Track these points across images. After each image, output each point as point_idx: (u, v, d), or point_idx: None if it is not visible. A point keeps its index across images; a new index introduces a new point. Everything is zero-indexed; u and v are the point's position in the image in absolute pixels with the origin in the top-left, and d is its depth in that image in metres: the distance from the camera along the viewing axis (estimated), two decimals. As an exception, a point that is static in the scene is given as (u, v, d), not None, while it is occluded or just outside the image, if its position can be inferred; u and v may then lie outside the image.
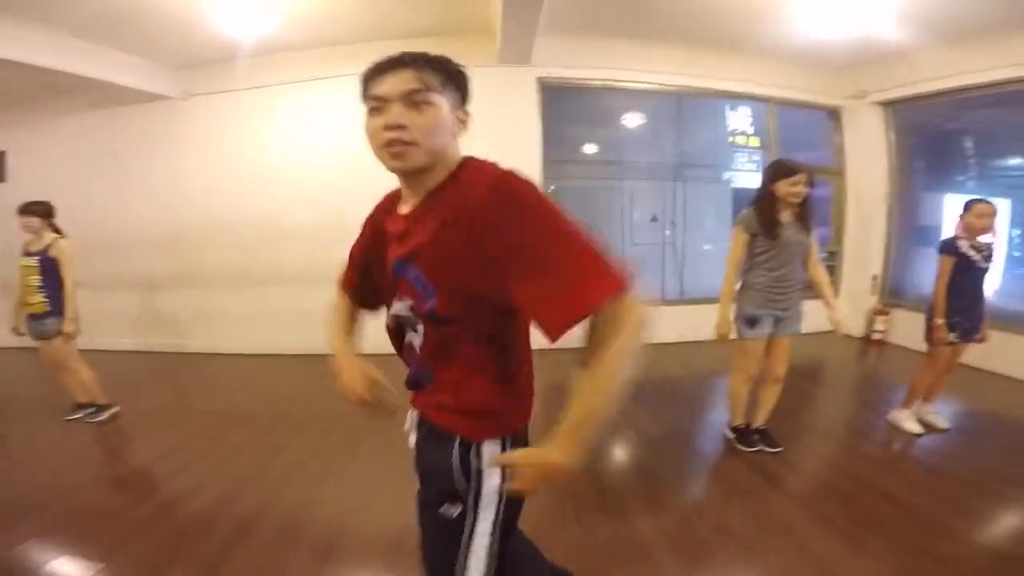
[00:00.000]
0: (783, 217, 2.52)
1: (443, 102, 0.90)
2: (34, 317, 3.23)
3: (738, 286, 2.65)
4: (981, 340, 2.91)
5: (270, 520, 2.19)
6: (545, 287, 0.80)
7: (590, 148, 6.83)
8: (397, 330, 1.06)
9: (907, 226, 5.32)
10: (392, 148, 0.87)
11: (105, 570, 1.87)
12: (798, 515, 2.16)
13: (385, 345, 1.12)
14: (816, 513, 2.17)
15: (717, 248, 7.89)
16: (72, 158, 5.43)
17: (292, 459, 2.80)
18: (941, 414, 3.06)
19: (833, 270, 5.64)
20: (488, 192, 0.84)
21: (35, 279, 3.17)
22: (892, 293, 5.33)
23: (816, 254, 2.68)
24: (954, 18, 3.80)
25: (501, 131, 4.76)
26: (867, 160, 5.36)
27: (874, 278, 5.28)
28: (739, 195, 6.95)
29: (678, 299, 5.85)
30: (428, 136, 0.87)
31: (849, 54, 4.76)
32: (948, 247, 2.82)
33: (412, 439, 1.07)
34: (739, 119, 6.04)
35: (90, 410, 3.45)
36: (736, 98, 5.56)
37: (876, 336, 5.15)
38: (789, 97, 5.41)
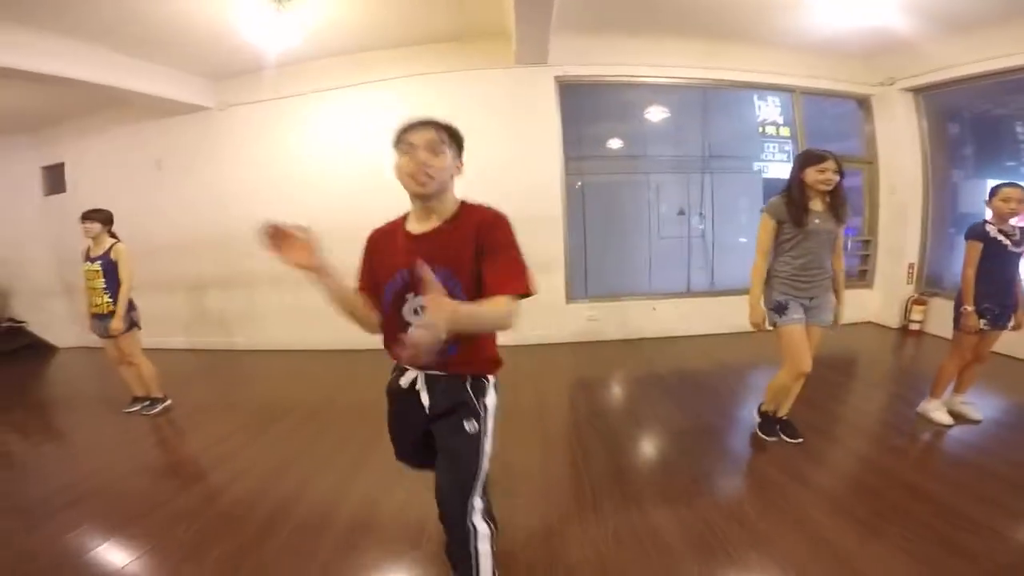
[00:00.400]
0: (813, 205, 2.50)
1: (449, 152, 1.37)
2: (101, 317, 3.52)
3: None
4: (1016, 327, 2.82)
5: (303, 507, 2.33)
6: (494, 272, 1.31)
7: (615, 143, 6.82)
8: (394, 319, 1.45)
9: (945, 213, 5.16)
10: (419, 178, 1.32)
11: (150, 551, 2.05)
12: (819, 508, 2.17)
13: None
14: (838, 506, 2.17)
15: (749, 239, 7.78)
16: (122, 168, 5.80)
17: (327, 449, 2.96)
18: (974, 405, 2.98)
19: (866, 259, 5.52)
20: (491, 216, 1.38)
21: (100, 282, 3.47)
22: (930, 282, 5.18)
23: (841, 246, 2.64)
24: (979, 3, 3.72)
25: (521, 130, 4.89)
26: (899, 148, 5.21)
27: (910, 267, 5.13)
28: (770, 185, 6.82)
29: (708, 291, 5.78)
30: (440, 173, 1.34)
31: (874, 42, 4.66)
32: (976, 232, 2.75)
33: (423, 397, 1.46)
34: (768, 109, 5.95)
35: (146, 403, 3.73)
36: (759, 88, 5.49)
37: (913, 326, 5.01)
38: (814, 86, 5.32)
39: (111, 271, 3.48)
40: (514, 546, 1.96)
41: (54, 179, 6.31)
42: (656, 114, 6.64)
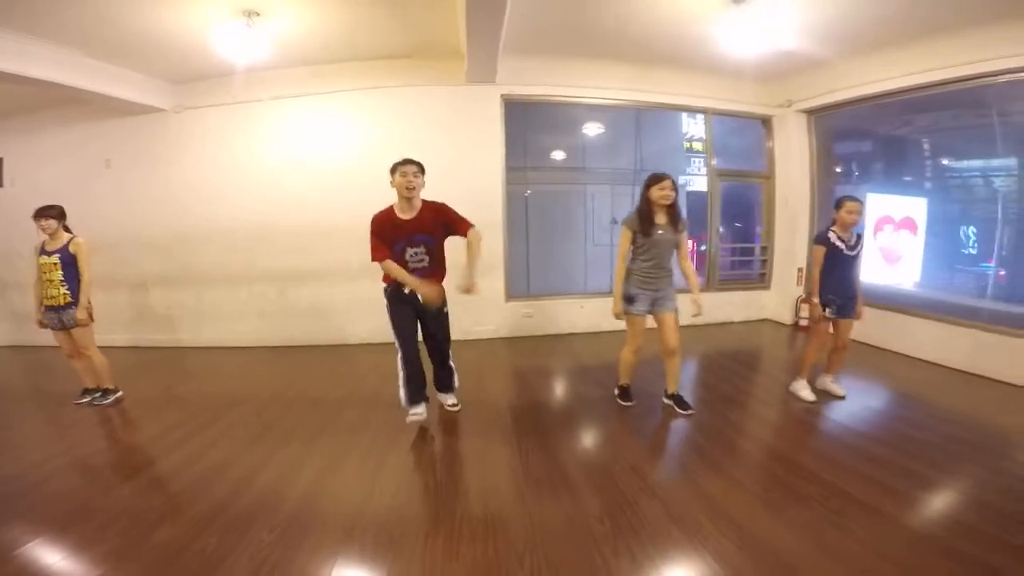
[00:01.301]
0: (658, 219, 3.16)
1: (422, 176, 2.94)
2: (57, 308, 3.66)
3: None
4: (858, 317, 3.51)
5: (252, 493, 2.51)
6: (457, 225, 2.99)
7: (558, 155, 7.42)
8: (402, 262, 2.93)
9: (829, 223, 5.95)
10: (411, 190, 2.89)
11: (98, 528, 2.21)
12: (701, 465, 2.79)
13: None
14: (715, 463, 2.80)
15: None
16: (69, 165, 5.76)
17: (277, 439, 3.16)
18: (839, 383, 3.64)
19: (764, 263, 6.34)
20: (441, 204, 3.06)
21: (58, 274, 3.61)
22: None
23: (686, 249, 3.33)
24: (863, 32, 4.35)
25: (468, 143, 5.36)
26: (792, 163, 6.00)
27: (800, 270, 5.93)
28: (692, 198, 7.61)
29: None
30: (419, 187, 2.93)
31: (776, 67, 5.33)
32: (820, 239, 3.40)
33: (420, 297, 2.92)
34: (696, 127, 6.62)
35: (97, 395, 3.87)
36: (679, 110, 6.20)
37: (803, 322, 5.84)
38: (725, 108, 6.05)
39: (70, 264, 3.64)
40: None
41: (-10, 174, 6.13)
42: (593, 130, 7.28)
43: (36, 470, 2.82)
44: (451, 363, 3.35)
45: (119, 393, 3.92)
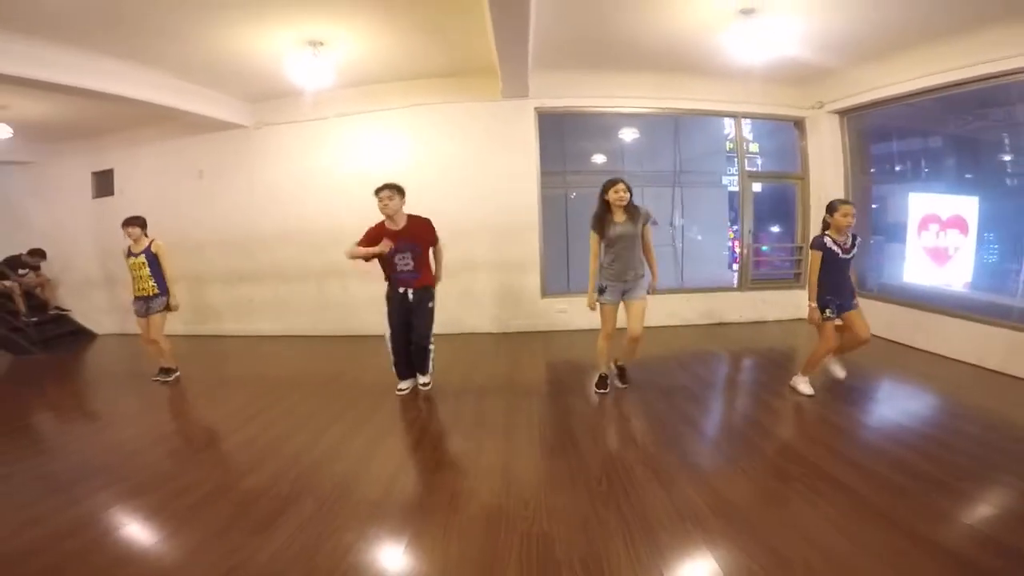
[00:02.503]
0: (616, 217, 3.47)
1: (398, 197, 3.64)
2: (146, 298, 4.45)
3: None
4: (855, 306, 3.61)
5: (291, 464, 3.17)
6: (429, 240, 3.73)
7: (598, 158, 7.79)
8: (391, 266, 3.69)
9: (865, 222, 5.93)
10: (385, 211, 3.59)
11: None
12: (697, 441, 3.11)
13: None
14: (712, 444, 3.12)
15: (715, 246, 8.70)
16: (167, 176, 6.69)
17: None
18: (840, 365, 3.81)
19: (799, 263, 6.38)
20: (425, 220, 3.75)
21: (146, 271, 4.41)
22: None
23: (649, 240, 3.61)
24: (884, 35, 4.45)
25: (505, 153, 5.82)
26: (826, 164, 6.04)
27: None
28: (734, 197, 7.72)
29: (678, 289, 6.64)
30: (395, 207, 3.63)
31: (807, 70, 5.40)
32: (817, 244, 3.49)
33: (410, 295, 3.69)
34: (735, 130, 6.74)
35: (165, 374, 4.63)
36: (708, 115, 6.39)
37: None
38: (755, 111, 6.18)
39: (154, 262, 4.43)
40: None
41: (103, 183, 7.19)
42: (630, 135, 7.58)
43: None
44: (429, 349, 3.89)
45: (177, 373, 4.67)
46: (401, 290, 3.67)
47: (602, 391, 3.80)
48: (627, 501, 2.37)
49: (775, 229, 7.90)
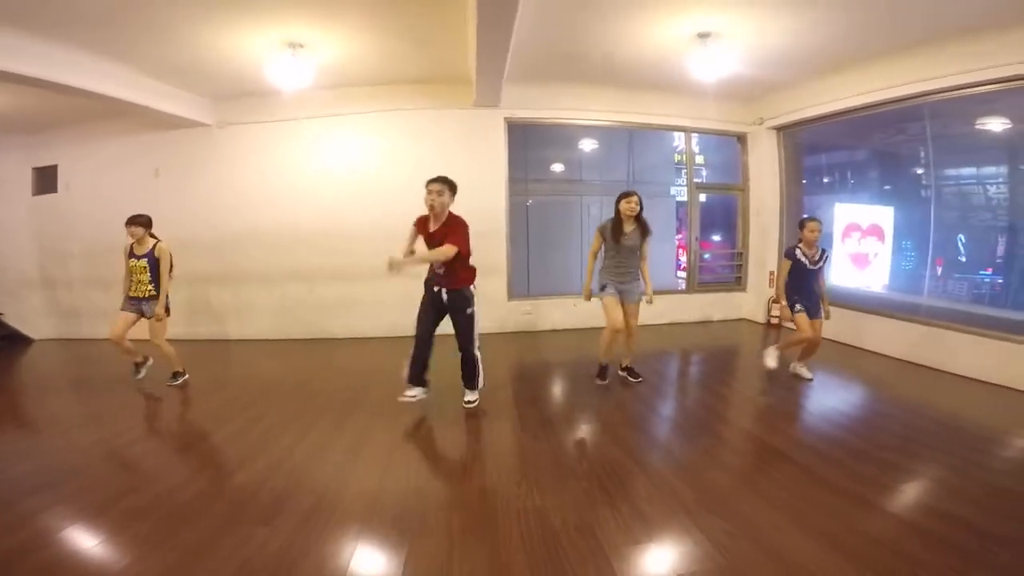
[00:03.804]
0: (626, 227, 3.83)
1: (447, 193, 3.39)
2: (139, 299, 4.30)
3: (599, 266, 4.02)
4: (827, 317, 4.10)
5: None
6: (452, 239, 3.30)
7: (556, 167, 8.11)
8: (429, 265, 3.48)
9: (795, 236, 6.55)
10: (431, 207, 3.37)
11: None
12: (669, 428, 3.45)
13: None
14: (678, 427, 3.46)
15: (663, 254, 9.23)
16: (119, 173, 6.42)
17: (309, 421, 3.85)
18: (806, 369, 4.23)
19: (740, 268, 6.98)
20: (459, 219, 3.37)
21: (146, 275, 4.27)
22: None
23: (647, 253, 3.97)
24: (820, 56, 4.92)
25: (475, 161, 6.05)
26: (763, 177, 6.66)
27: (771, 273, 6.52)
28: (680, 207, 8.25)
29: None
30: (441, 204, 3.38)
31: (749, 88, 5.95)
32: (788, 253, 4.05)
33: (444, 297, 3.44)
34: (683, 143, 7.25)
35: (172, 378, 4.46)
36: (662, 129, 6.90)
37: (773, 320, 6.48)
38: (702, 126, 6.72)
39: (155, 266, 4.28)
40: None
41: (45, 180, 6.80)
42: (589, 146, 7.96)
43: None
44: (475, 360, 3.63)
45: (186, 376, 4.53)
46: (436, 289, 3.47)
47: (603, 381, 4.04)
48: (608, 477, 2.65)
49: (716, 238, 8.52)
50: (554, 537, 2.12)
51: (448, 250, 3.24)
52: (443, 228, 3.38)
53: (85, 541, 2.14)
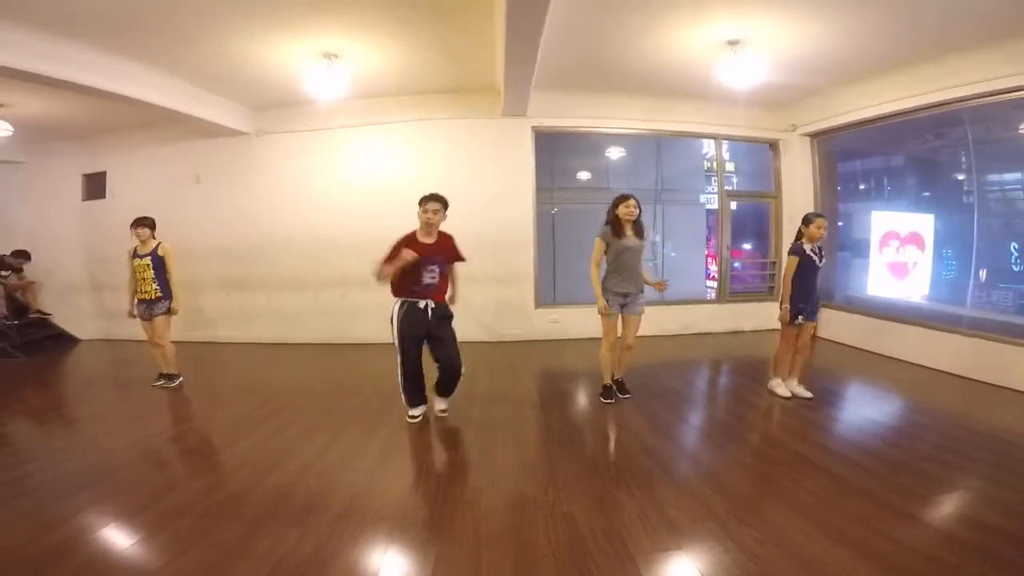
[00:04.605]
0: (627, 231, 3.71)
1: (443, 212, 3.47)
2: (148, 302, 4.43)
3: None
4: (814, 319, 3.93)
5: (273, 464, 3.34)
6: (455, 257, 3.60)
7: (583, 175, 8.14)
8: (416, 279, 3.40)
9: (834, 240, 6.41)
10: (430, 224, 3.44)
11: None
12: (693, 437, 3.41)
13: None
14: (704, 436, 3.41)
15: (694, 260, 9.12)
16: (162, 180, 6.69)
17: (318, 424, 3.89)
18: (803, 386, 3.96)
19: (772, 277, 6.83)
20: (451, 238, 3.58)
21: (150, 273, 4.40)
22: (822, 295, 6.45)
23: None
24: (860, 59, 4.78)
25: (503, 169, 6.10)
26: (796, 183, 6.52)
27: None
28: (711, 215, 8.16)
29: (657, 301, 6.88)
30: (438, 221, 3.48)
31: (781, 94, 5.84)
32: (795, 250, 3.83)
33: (430, 310, 3.43)
34: (713, 150, 7.14)
35: (167, 379, 4.59)
36: (691, 136, 6.84)
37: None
38: (733, 133, 6.62)
39: (159, 265, 4.42)
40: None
41: (94, 186, 7.13)
42: (616, 154, 7.96)
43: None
44: (460, 371, 3.54)
45: (180, 379, 4.63)
46: (422, 304, 3.41)
47: (608, 400, 3.91)
48: (636, 484, 2.63)
49: (747, 246, 8.37)
50: (581, 543, 2.12)
51: (458, 274, 3.73)
52: (440, 244, 3.53)
53: (123, 540, 2.22)
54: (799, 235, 3.90)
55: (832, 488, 2.54)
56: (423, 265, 3.39)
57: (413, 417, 3.59)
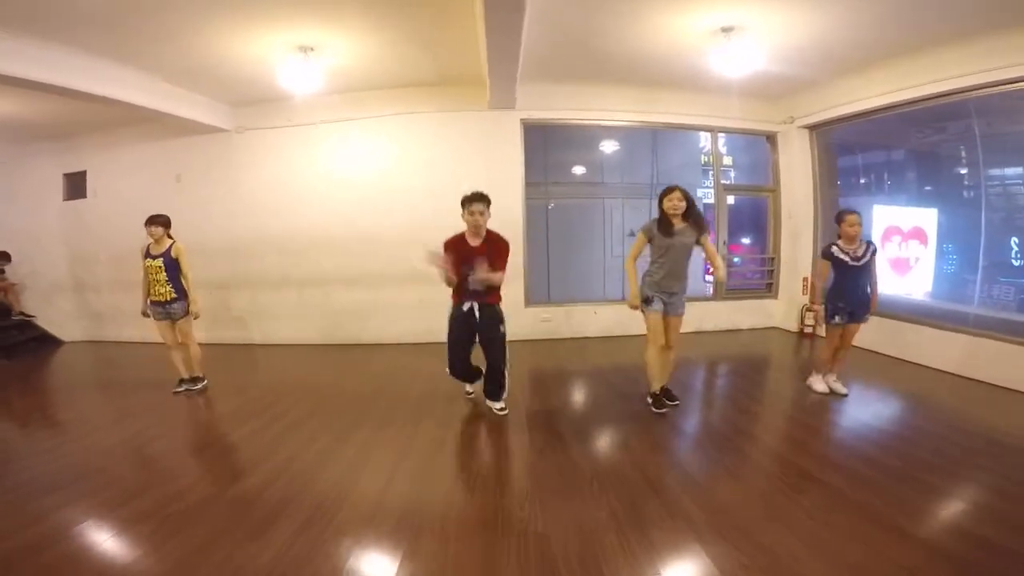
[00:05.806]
0: (676, 223, 3.44)
1: (488, 211, 3.35)
2: (163, 304, 4.24)
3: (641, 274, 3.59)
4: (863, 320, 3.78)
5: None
6: (501, 264, 3.33)
7: (577, 170, 7.95)
8: (464, 279, 3.30)
9: (832, 233, 6.20)
10: (477, 226, 3.33)
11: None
12: (687, 446, 3.25)
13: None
14: (699, 445, 3.24)
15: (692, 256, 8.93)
16: (143, 179, 6.53)
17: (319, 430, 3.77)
18: (841, 383, 3.92)
19: (771, 274, 6.64)
20: (501, 239, 3.40)
21: (163, 275, 4.21)
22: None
23: (711, 247, 3.50)
24: (860, 48, 4.59)
25: (491, 163, 5.90)
26: (795, 177, 6.32)
27: (804, 280, 6.21)
28: (707, 210, 7.97)
29: None
30: (485, 222, 3.35)
31: (779, 86, 5.64)
32: (824, 253, 3.76)
33: (476, 313, 3.43)
34: (710, 143, 6.95)
35: (190, 383, 4.42)
36: (685, 129, 6.61)
37: (807, 329, 6.13)
38: (729, 126, 6.41)
39: (172, 266, 4.23)
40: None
41: (75, 185, 6.99)
42: (610, 147, 7.77)
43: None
44: (503, 375, 3.62)
45: (205, 381, 4.49)
46: (467, 307, 3.43)
47: (660, 410, 3.60)
48: (617, 499, 2.46)
49: (745, 241, 8.18)
50: (552, 567, 1.96)
51: (502, 277, 3.42)
52: (488, 244, 3.42)
53: (93, 540, 2.21)
54: (837, 235, 3.77)
55: (830, 503, 2.37)
56: (469, 269, 3.32)
57: (469, 394, 4.01)
